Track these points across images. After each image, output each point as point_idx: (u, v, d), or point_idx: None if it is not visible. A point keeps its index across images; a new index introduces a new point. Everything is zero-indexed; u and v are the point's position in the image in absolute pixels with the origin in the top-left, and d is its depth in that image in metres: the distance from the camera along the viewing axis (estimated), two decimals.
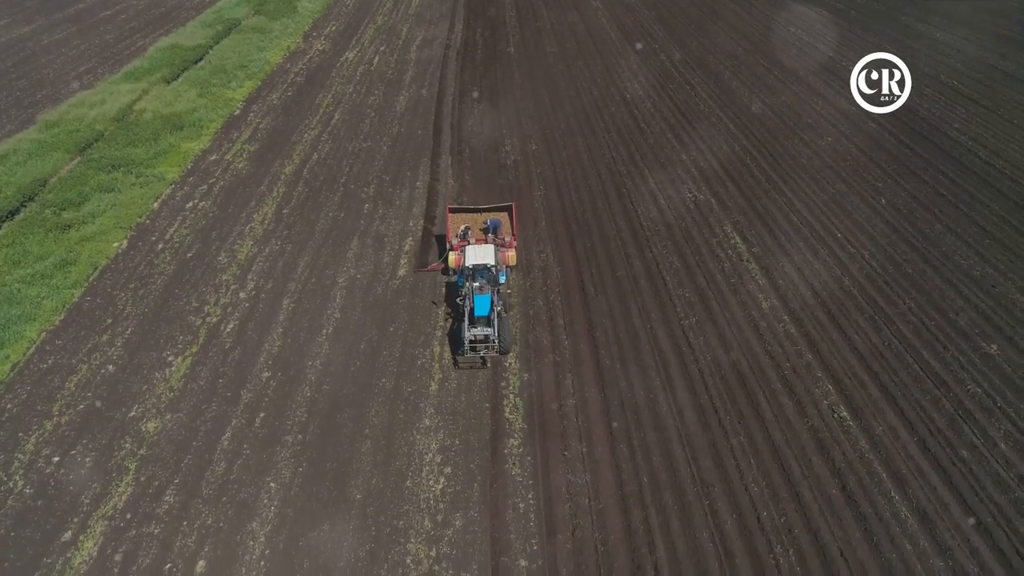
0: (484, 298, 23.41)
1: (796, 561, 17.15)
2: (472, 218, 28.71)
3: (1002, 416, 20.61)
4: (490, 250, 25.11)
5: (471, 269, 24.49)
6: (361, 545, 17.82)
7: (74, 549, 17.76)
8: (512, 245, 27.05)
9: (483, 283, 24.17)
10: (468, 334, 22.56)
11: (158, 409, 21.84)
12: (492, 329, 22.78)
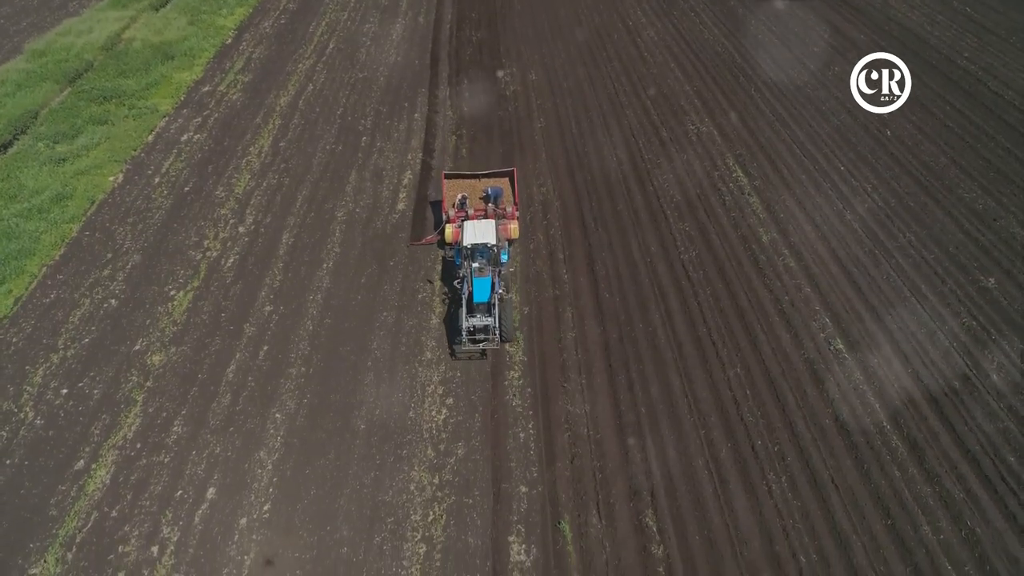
0: (484, 281, 21.27)
1: (788, 487, 17.69)
2: (470, 185, 25.99)
3: (996, 348, 20.89)
4: (491, 226, 22.86)
5: (469, 249, 22.20)
6: (366, 473, 18.34)
7: (87, 477, 18.27)
8: (514, 216, 24.93)
9: (483, 264, 21.97)
10: (466, 323, 20.76)
11: (162, 342, 22.08)
12: (492, 318, 20.81)
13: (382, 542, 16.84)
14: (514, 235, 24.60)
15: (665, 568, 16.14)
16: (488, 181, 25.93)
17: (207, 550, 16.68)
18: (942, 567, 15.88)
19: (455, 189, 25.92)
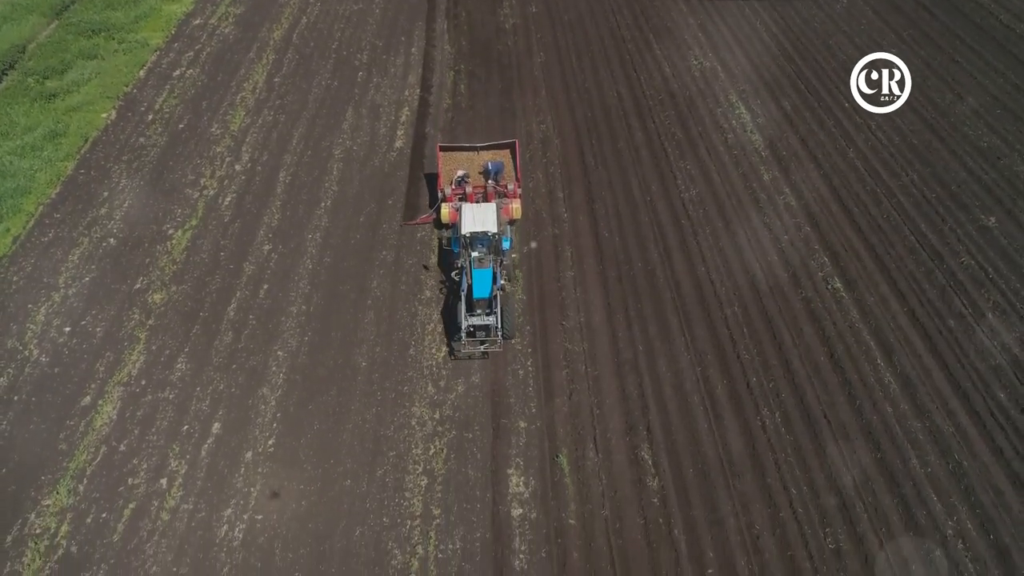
0: (484, 274, 19.80)
1: (782, 422, 18.07)
2: (468, 158, 23.97)
3: (992, 287, 21.00)
4: (491, 212, 20.85)
5: (468, 237, 20.48)
6: (368, 408, 18.68)
7: (94, 413, 18.61)
8: (517, 194, 23.18)
9: (483, 253, 20.35)
10: (465, 322, 19.30)
11: (162, 281, 22.15)
12: (494, 316, 19.34)
13: (384, 475, 17.29)
14: (516, 215, 22.91)
15: (660, 499, 16.63)
16: (487, 155, 23.91)
17: (214, 482, 17.14)
18: (928, 498, 16.36)
19: (451, 163, 23.83)
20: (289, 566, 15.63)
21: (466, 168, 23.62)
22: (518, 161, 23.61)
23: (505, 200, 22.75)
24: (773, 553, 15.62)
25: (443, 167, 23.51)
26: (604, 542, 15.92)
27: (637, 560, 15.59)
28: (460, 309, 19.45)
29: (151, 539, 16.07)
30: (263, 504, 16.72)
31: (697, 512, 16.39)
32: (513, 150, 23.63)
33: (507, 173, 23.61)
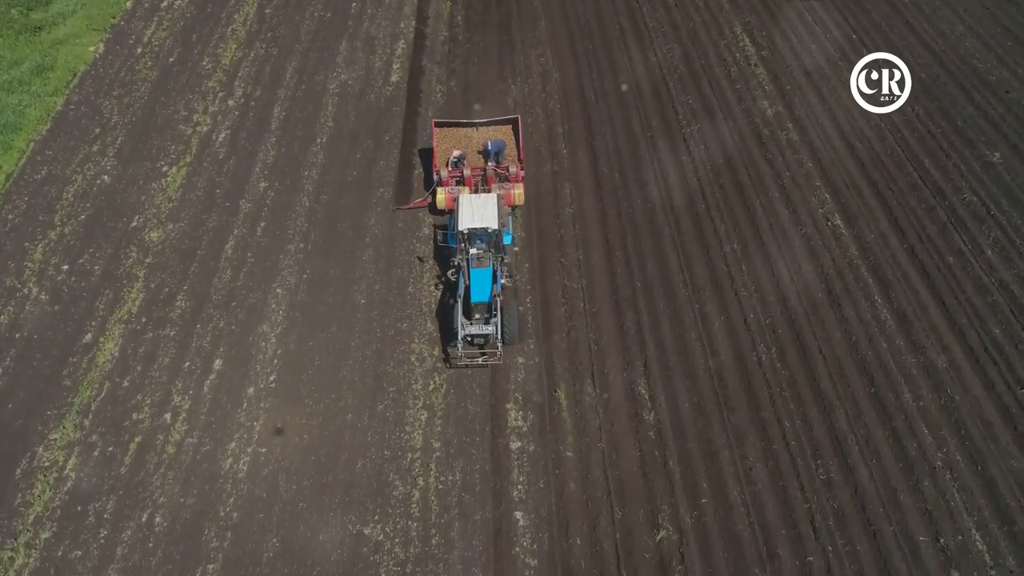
0: (484, 274, 18.22)
1: (777, 358, 18.24)
2: (465, 135, 22.20)
3: (993, 224, 20.89)
4: (491, 204, 18.90)
5: (466, 234, 18.81)
6: (368, 345, 18.84)
7: (96, 350, 18.76)
8: (519, 178, 21.51)
9: (482, 250, 18.61)
10: (462, 331, 17.65)
11: (159, 219, 22.00)
12: (493, 325, 17.69)
13: (385, 409, 17.56)
14: (519, 201, 21.22)
15: (655, 433, 16.94)
16: (487, 132, 22.19)
17: (218, 417, 17.42)
18: (919, 431, 16.67)
19: (447, 140, 22.14)
20: (293, 497, 16.03)
21: (463, 146, 21.93)
22: (520, 139, 21.95)
23: (506, 185, 21.14)
24: (765, 484, 16.00)
25: (438, 145, 21.84)
26: (600, 474, 16.29)
27: (633, 491, 15.98)
28: (457, 313, 17.87)
29: (158, 471, 16.44)
30: (266, 438, 17.03)
31: (692, 445, 16.71)
32: (515, 127, 22.01)
33: (508, 153, 21.92)
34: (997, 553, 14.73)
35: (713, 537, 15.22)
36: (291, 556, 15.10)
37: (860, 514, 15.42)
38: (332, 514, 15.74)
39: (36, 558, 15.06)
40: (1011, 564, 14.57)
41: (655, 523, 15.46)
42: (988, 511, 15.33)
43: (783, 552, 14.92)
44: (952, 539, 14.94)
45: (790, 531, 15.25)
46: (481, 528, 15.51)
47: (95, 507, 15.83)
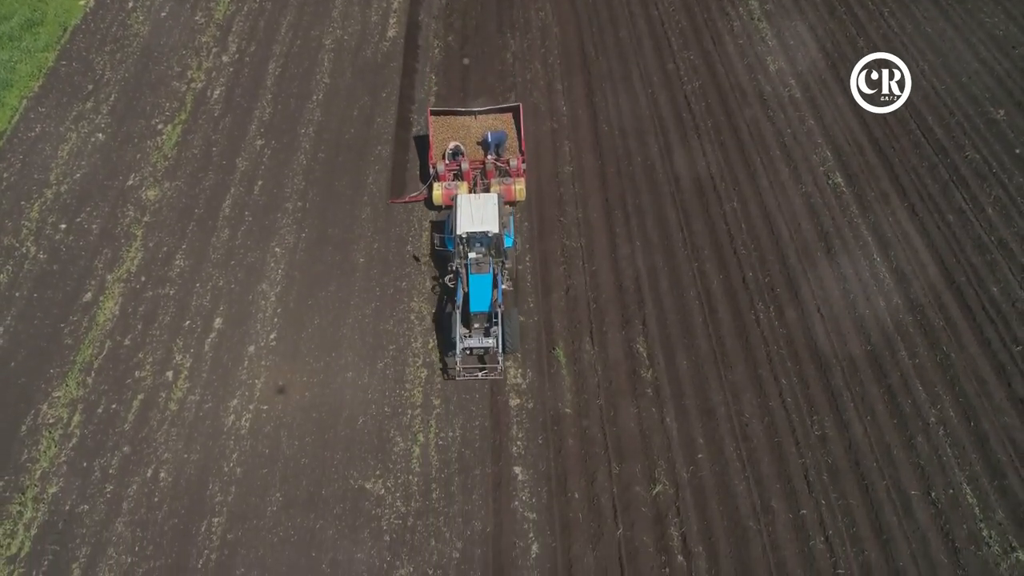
0: (483, 281, 17.27)
1: (776, 316, 18.32)
2: (463, 124, 20.95)
3: (995, 182, 20.76)
4: (492, 205, 17.69)
5: (465, 238, 17.78)
6: (367, 303, 18.89)
7: (96, 308, 18.81)
8: (520, 172, 20.37)
9: (482, 255, 17.59)
10: (461, 343, 16.70)
11: (155, 178, 21.84)
12: (493, 338, 16.71)
13: (385, 367, 17.70)
14: (520, 197, 20.02)
15: (653, 389, 17.11)
16: (486, 120, 20.96)
17: (219, 375, 17.57)
18: (914, 388, 16.83)
19: (444, 130, 20.95)
20: (296, 453, 16.26)
21: (462, 137, 20.90)
22: (522, 129, 20.76)
23: (506, 180, 20.06)
24: (761, 440, 16.23)
25: (435, 135, 20.77)
26: (598, 430, 16.50)
27: (630, 446, 16.22)
28: (455, 322, 16.89)
29: (161, 428, 16.64)
30: (268, 395, 17.20)
31: (689, 401, 16.90)
32: (516, 115, 20.82)
33: (509, 145, 20.86)
34: (987, 506, 15.03)
35: (709, 491, 15.50)
36: (294, 510, 15.39)
37: (854, 469, 15.68)
38: (334, 469, 16.00)
39: (44, 512, 15.35)
40: (1000, 517, 14.87)
41: (652, 478, 15.73)
42: (979, 466, 15.59)
43: (777, 505, 15.21)
44: (943, 493, 15.22)
45: (784, 485, 15.52)
46: (481, 483, 15.78)
47: (100, 463, 16.07)
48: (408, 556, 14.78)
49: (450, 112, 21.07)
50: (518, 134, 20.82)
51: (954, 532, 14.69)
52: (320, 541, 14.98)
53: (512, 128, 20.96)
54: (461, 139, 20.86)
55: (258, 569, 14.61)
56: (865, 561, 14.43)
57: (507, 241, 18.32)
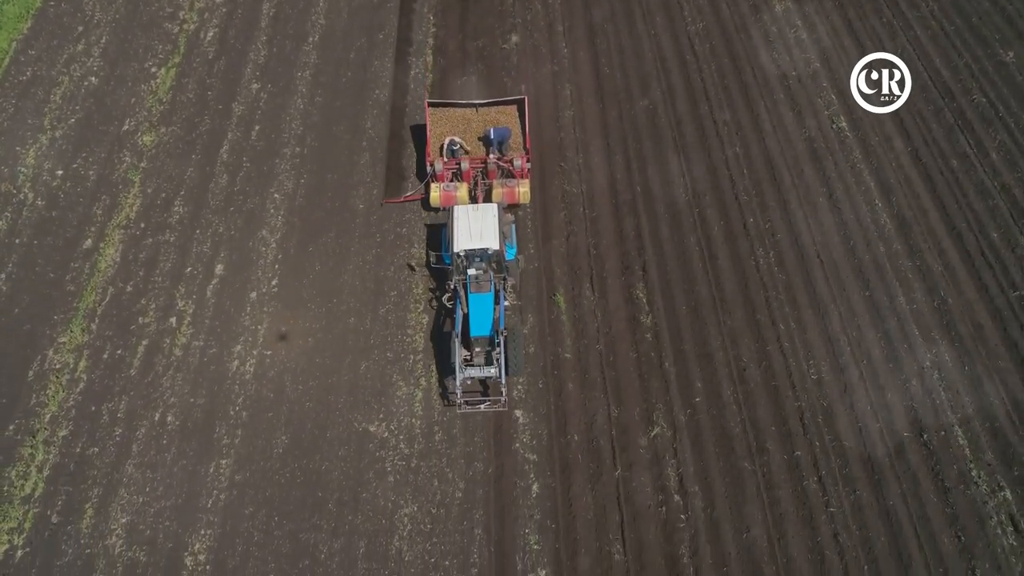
0: (484, 301, 16.06)
1: (775, 262, 18.38)
2: (463, 118, 19.53)
3: (1000, 126, 20.54)
4: (491, 217, 16.50)
5: (463, 256, 16.65)
6: (368, 250, 18.90)
7: (97, 255, 18.82)
8: (525, 173, 18.85)
9: (482, 271, 16.31)
10: (460, 373, 15.56)
11: (150, 123, 21.55)
12: (496, 366, 15.60)
13: (387, 313, 17.83)
14: (523, 200, 18.56)
15: (652, 335, 17.29)
16: (488, 114, 19.52)
17: (222, 321, 17.71)
18: (910, 333, 17.02)
19: (443, 123, 19.57)
20: (300, 397, 16.53)
21: (462, 131, 19.55)
22: (527, 124, 19.13)
23: (509, 182, 18.62)
24: (758, 383, 16.49)
25: (432, 129, 19.43)
26: (598, 374, 16.74)
27: (628, 390, 16.48)
28: (454, 348, 15.76)
29: (167, 373, 16.87)
30: (271, 341, 17.37)
31: (688, 346, 17.10)
32: (521, 108, 19.28)
33: (513, 141, 19.42)
34: (977, 448, 15.38)
35: (705, 433, 15.83)
36: (300, 452, 15.74)
37: (848, 411, 15.99)
38: (338, 413, 16.29)
39: (55, 454, 15.69)
40: (989, 458, 15.24)
41: (650, 421, 16.04)
42: (972, 408, 15.89)
43: (772, 447, 15.57)
44: (935, 435, 15.56)
45: (780, 428, 15.85)
46: (482, 425, 16.09)
47: (108, 407, 16.35)
48: (412, 496, 15.19)
49: (449, 104, 19.72)
50: (522, 129, 19.25)
51: (944, 472, 15.07)
52: (326, 482, 15.37)
53: (516, 122, 19.50)
54: (461, 133, 19.55)
55: (266, 508, 15.04)
56: (856, 500, 14.84)
57: (509, 254, 17.15)
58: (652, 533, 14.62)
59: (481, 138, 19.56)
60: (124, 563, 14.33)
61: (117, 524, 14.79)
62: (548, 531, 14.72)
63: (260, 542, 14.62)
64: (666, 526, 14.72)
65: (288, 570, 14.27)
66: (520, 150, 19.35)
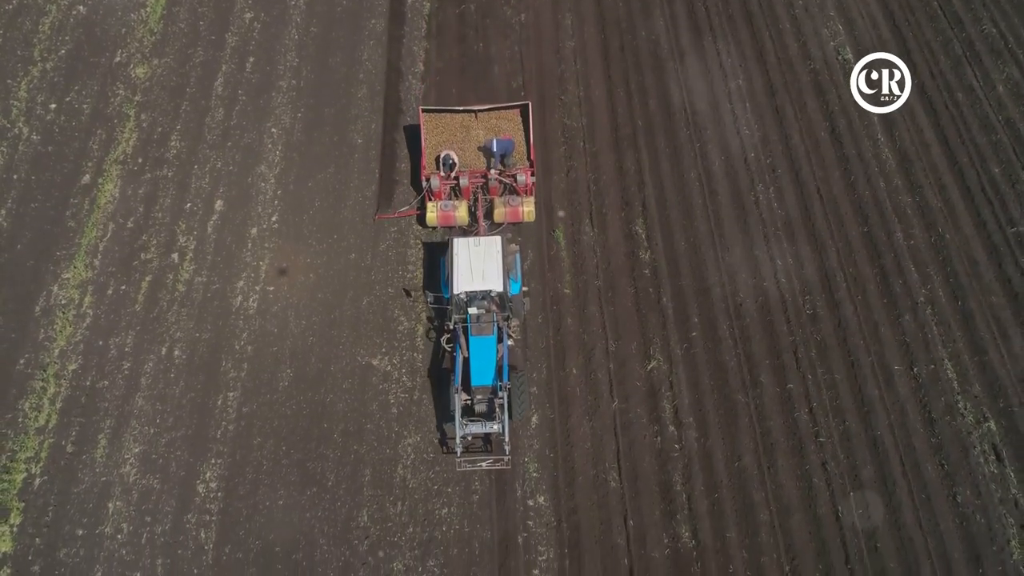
0: (486, 345, 14.96)
1: (775, 198, 18.38)
2: (461, 125, 17.76)
3: (1009, 58, 20.17)
4: (494, 252, 15.14)
5: (464, 297, 15.17)
6: (367, 185, 18.85)
7: (96, 191, 18.76)
8: (530, 188, 17.40)
9: (483, 310, 15.07)
10: (460, 430, 14.42)
11: (143, 54, 21.10)
12: (499, 423, 14.50)
13: (387, 249, 17.94)
14: (528, 219, 17.31)
15: (651, 271, 17.46)
16: (489, 120, 17.73)
17: (224, 257, 17.82)
18: (906, 268, 17.19)
19: (439, 131, 17.85)
20: (303, 331, 16.82)
21: (460, 139, 17.84)
22: (531, 133, 17.43)
23: (513, 200, 17.25)
24: (754, 318, 16.76)
25: (427, 139, 17.70)
26: (596, 309, 17.00)
27: (626, 325, 16.77)
28: (454, 400, 14.62)
29: (171, 308, 17.09)
30: (273, 277, 17.54)
31: (686, 282, 17.30)
32: (525, 115, 17.45)
33: (517, 152, 17.78)
34: (965, 380, 15.78)
35: (701, 367, 16.20)
36: (305, 385, 16.13)
37: (841, 346, 16.32)
38: (341, 347, 16.61)
39: (66, 387, 16.07)
40: (977, 390, 15.65)
41: (647, 354, 16.38)
42: (962, 343, 16.21)
43: (766, 380, 15.96)
44: (925, 368, 15.93)
45: (774, 361, 16.21)
46: None
47: (115, 341, 16.64)
48: (415, 427, 15.66)
49: (446, 110, 17.89)
50: (526, 138, 17.60)
51: (932, 404, 15.51)
52: (331, 414, 15.81)
53: (519, 129, 17.77)
54: (460, 142, 17.88)
55: (274, 439, 15.52)
56: (845, 430, 15.33)
57: (513, 288, 15.79)
58: (647, 462, 15.16)
59: (481, 148, 17.86)
60: (140, 490, 14.89)
61: (130, 454, 15.29)
62: (547, 460, 15.26)
63: (269, 470, 15.17)
64: (660, 455, 15.25)
65: (297, 497, 14.86)
66: (524, 162, 17.80)
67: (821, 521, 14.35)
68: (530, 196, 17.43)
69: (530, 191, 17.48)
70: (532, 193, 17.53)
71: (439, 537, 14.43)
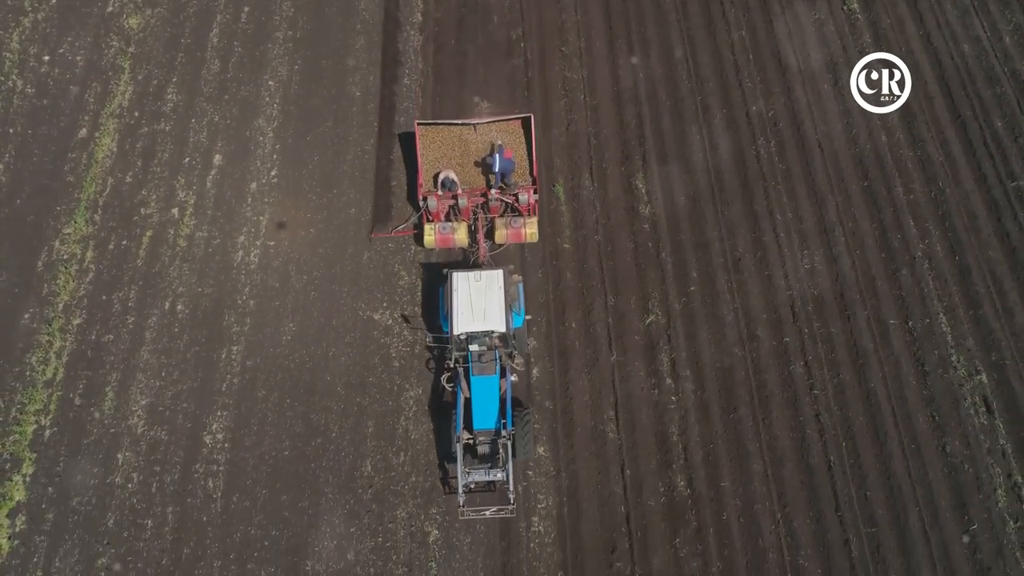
0: (488, 385, 14.52)
1: (776, 151, 18.30)
2: (460, 139, 16.78)
3: (1017, 8, 19.84)
4: (496, 288, 14.43)
5: (464, 338, 14.52)
6: (366, 139, 18.73)
7: (94, 145, 18.65)
8: (533, 208, 16.63)
9: (485, 348, 14.54)
10: (463, 477, 13.77)
11: (135, 4, 20.69)
12: (503, 470, 13.89)
13: (388, 204, 17.93)
14: (530, 240, 16.64)
15: (650, 225, 17.51)
16: (488, 133, 16.72)
17: (224, 211, 17.84)
18: (905, 223, 17.24)
19: (436, 146, 16.85)
20: (304, 286, 16.95)
21: (459, 154, 16.86)
22: (535, 149, 16.68)
23: (516, 221, 16.53)
24: (752, 272, 16.88)
25: (423, 154, 16.78)
26: (596, 264, 17.10)
27: (625, 279, 16.90)
28: (456, 444, 14.07)
29: (173, 263, 17.19)
30: (273, 231, 17.59)
31: (685, 237, 17.36)
32: (527, 128, 16.61)
33: (519, 169, 16.81)
34: (959, 334, 15.98)
35: (699, 321, 16.39)
36: (308, 339, 16.34)
37: (838, 300, 16.48)
38: (343, 302, 16.76)
39: (72, 341, 16.27)
40: (970, 344, 15.87)
41: (646, 309, 16.55)
42: (958, 297, 16.37)
43: (762, 334, 16.17)
44: (920, 322, 16.12)
45: (770, 315, 16.39)
46: None
47: (119, 296, 16.78)
48: (416, 380, 15.92)
49: (444, 124, 16.98)
50: (529, 153, 16.80)
51: (925, 357, 15.75)
52: (334, 367, 16.06)
53: (521, 143, 16.85)
54: (459, 157, 16.97)
55: (278, 392, 15.80)
56: (839, 383, 15.60)
57: (516, 321, 15.13)
58: (644, 414, 15.47)
59: (479, 162, 17.02)
60: (148, 441, 15.23)
61: (138, 406, 15.59)
62: (546, 412, 15.57)
63: (274, 422, 15.49)
64: (657, 407, 15.55)
65: (302, 448, 15.21)
66: (527, 178, 16.96)
67: (813, 470, 14.73)
68: (533, 216, 16.71)
69: (533, 211, 16.76)
70: (536, 213, 16.81)
71: (441, 486, 14.83)
